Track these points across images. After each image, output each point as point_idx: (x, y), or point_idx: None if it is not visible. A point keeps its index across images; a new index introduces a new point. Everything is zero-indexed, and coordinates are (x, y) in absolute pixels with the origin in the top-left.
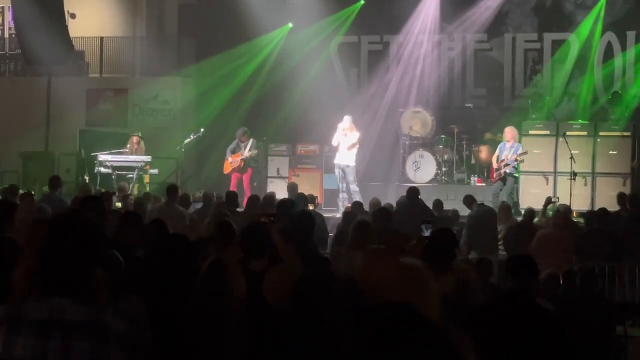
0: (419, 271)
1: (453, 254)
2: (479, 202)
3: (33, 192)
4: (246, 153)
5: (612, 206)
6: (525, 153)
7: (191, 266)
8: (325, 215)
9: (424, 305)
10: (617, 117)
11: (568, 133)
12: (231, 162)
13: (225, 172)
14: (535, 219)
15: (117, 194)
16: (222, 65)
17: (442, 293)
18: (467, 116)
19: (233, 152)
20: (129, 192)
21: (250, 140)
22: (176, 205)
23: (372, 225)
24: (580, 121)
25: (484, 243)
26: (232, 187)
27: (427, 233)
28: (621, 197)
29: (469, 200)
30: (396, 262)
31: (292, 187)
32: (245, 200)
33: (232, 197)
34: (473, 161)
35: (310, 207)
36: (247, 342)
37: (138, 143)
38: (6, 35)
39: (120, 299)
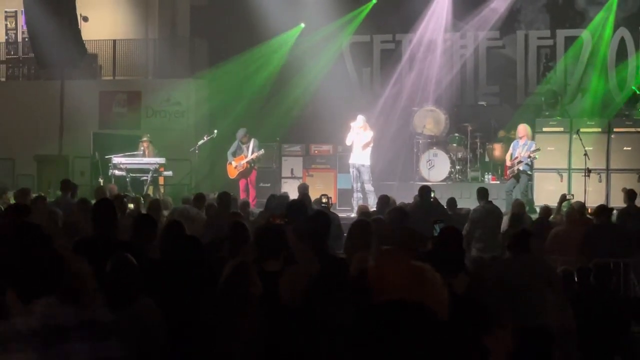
0: (429, 273)
1: (461, 252)
2: (488, 200)
3: (45, 195)
4: (251, 155)
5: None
6: (538, 150)
7: (203, 267)
8: (340, 215)
9: (433, 305)
10: (629, 110)
11: (582, 130)
12: (236, 166)
13: (231, 177)
14: (551, 216)
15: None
16: (235, 66)
17: (454, 293)
18: (480, 114)
19: (234, 154)
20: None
21: (252, 140)
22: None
23: (372, 225)
24: (594, 117)
25: (485, 240)
26: (242, 192)
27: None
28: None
29: (480, 194)
30: (408, 263)
31: (302, 188)
32: (252, 200)
33: (225, 199)
34: (487, 159)
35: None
36: (262, 342)
37: (148, 146)
38: (19, 39)
39: (135, 302)
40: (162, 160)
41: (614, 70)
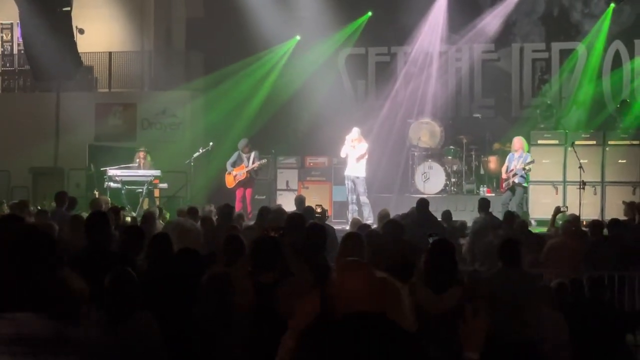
0: (389, 283)
1: (453, 264)
2: (488, 212)
3: (47, 210)
4: (252, 164)
5: (622, 215)
6: (532, 162)
7: (196, 279)
8: (335, 227)
9: (395, 315)
10: (627, 126)
11: (577, 142)
12: (235, 175)
13: (229, 187)
14: (545, 229)
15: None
16: (230, 78)
17: (447, 306)
18: (475, 126)
19: (234, 165)
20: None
21: (253, 152)
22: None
23: (362, 238)
24: (589, 130)
25: (487, 253)
26: (238, 202)
27: None
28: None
29: (481, 205)
30: (368, 274)
31: (299, 200)
32: (250, 215)
33: (227, 211)
34: (482, 171)
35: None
36: (253, 355)
37: (144, 157)
38: (15, 51)
39: (134, 315)
40: (157, 172)
41: (608, 83)
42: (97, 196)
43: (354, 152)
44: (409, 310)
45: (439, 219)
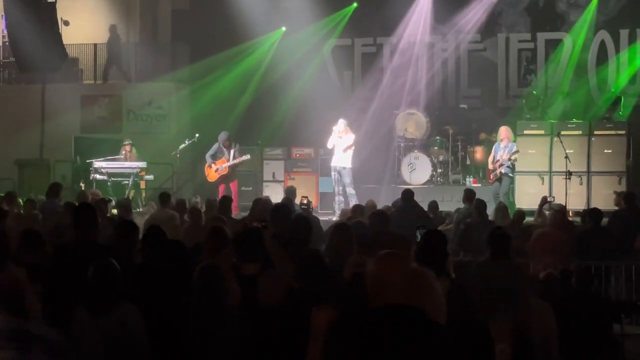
0: (427, 276)
1: (445, 256)
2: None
3: (35, 200)
4: (233, 160)
5: (609, 204)
6: (517, 152)
7: (187, 271)
8: (321, 218)
9: (431, 309)
10: (610, 113)
11: (563, 132)
12: (217, 169)
13: (210, 181)
14: (531, 219)
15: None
16: (216, 70)
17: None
18: (461, 117)
19: (214, 157)
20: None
21: (234, 145)
22: (167, 209)
23: (352, 229)
24: (574, 120)
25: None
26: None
27: None
28: (620, 195)
29: (466, 196)
30: (407, 266)
31: (290, 191)
32: (233, 207)
33: (226, 203)
34: (468, 162)
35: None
36: (242, 346)
37: (130, 150)
38: (0, 43)
39: (117, 306)
40: (143, 164)
41: (594, 73)
42: (83, 188)
43: (341, 143)
44: (443, 303)
45: (425, 210)
